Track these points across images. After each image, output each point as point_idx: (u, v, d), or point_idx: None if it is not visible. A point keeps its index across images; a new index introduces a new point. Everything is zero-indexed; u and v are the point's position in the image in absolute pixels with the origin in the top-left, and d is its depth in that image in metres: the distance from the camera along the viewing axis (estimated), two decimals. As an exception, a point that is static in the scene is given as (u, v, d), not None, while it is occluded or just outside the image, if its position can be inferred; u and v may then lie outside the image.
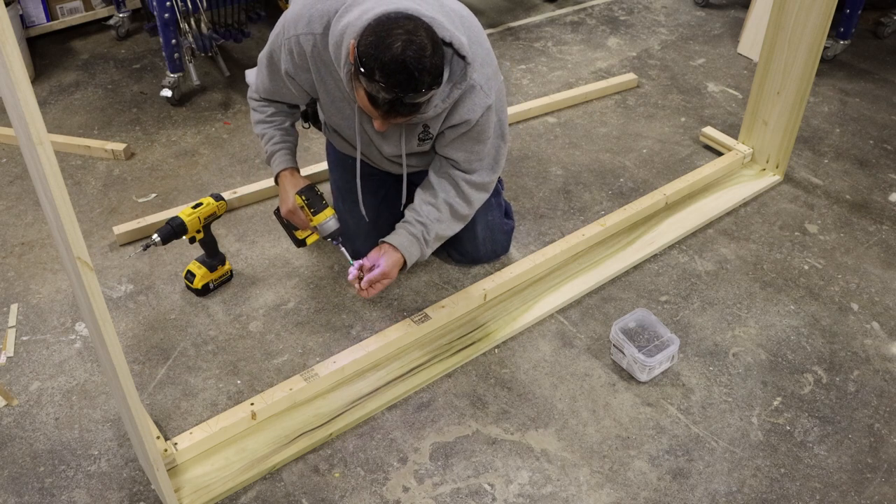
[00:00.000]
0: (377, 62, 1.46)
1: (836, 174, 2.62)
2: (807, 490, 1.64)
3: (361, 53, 1.48)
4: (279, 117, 1.97)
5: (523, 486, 1.63)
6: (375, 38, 1.47)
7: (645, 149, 2.74)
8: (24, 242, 2.25)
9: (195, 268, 2.04)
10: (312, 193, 1.88)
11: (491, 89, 1.74)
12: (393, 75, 1.46)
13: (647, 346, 1.88)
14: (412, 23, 1.49)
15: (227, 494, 1.59)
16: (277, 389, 1.75)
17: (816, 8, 2.18)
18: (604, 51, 3.41)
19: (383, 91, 1.48)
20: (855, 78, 3.21)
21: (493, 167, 1.89)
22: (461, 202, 1.88)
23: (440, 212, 1.88)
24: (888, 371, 1.92)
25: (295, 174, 1.94)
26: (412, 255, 1.85)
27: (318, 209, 1.88)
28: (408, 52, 1.46)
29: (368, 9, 1.54)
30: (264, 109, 1.96)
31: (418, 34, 1.48)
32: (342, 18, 1.59)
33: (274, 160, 1.95)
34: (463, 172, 1.87)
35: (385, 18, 1.49)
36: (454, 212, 1.89)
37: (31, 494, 1.59)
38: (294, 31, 1.71)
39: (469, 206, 1.90)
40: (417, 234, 1.86)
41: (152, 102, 2.93)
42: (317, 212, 1.88)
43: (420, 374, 1.85)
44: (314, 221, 1.89)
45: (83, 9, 3.33)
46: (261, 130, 1.97)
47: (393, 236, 1.86)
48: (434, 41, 1.50)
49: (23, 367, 1.87)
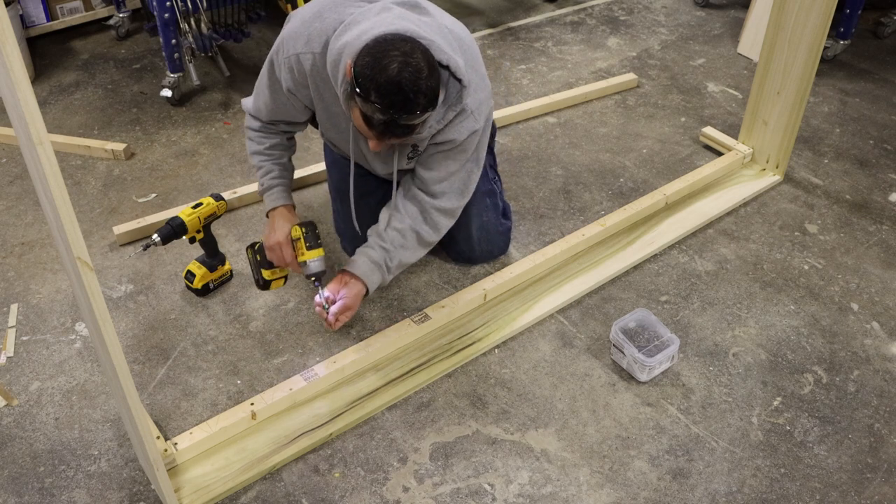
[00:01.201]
0: (373, 83, 1.46)
1: (836, 174, 2.62)
2: (807, 490, 1.64)
3: (358, 74, 1.48)
4: (278, 151, 1.92)
5: (523, 486, 1.63)
6: (372, 58, 1.47)
7: (645, 149, 2.74)
8: (24, 242, 2.25)
9: (195, 268, 2.04)
10: (313, 228, 1.81)
11: (481, 114, 1.75)
12: (388, 96, 1.47)
13: (647, 346, 1.88)
14: (409, 44, 1.49)
15: (227, 494, 1.59)
16: (277, 389, 1.75)
17: (816, 8, 2.18)
18: (604, 51, 3.41)
19: (378, 112, 1.48)
20: (855, 78, 3.21)
21: (462, 191, 1.87)
22: (428, 229, 1.86)
23: (405, 238, 1.85)
24: (888, 371, 1.92)
25: (292, 211, 1.90)
26: (373, 283, 1.82)
27: (314, 245, 1.80)
28: (403, 73, 1.46)
29: (367, 29, 1.55)
30: (263, 140, 1.91)
31: (414, 56, 1.48)
32: (340, 37, 1.59)
33: (271, 194, 1.90)
34: (431, 198, 1.84)
35: (382, 40, 1.49)
36: (420, 239, 1.86)
37: (31, 494, 1.59)
38: (293, 49, 1.70)
39: (437, 233, 1.88)
40: (379, 260, 1.82)
41: (152, 102, 2.93)
42: (312, 247, 1.79)
43: (420, 374, 1.85)
44: (306, 256, 1.79)
45: (83, 9, 3.33)
46: (258, 162, 1.92)
47: (354, 265, 1.82)
48: (430, 63, 1.51)
49: (23, 367, 1.87)
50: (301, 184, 2.47)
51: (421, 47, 1.51)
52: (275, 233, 1.84)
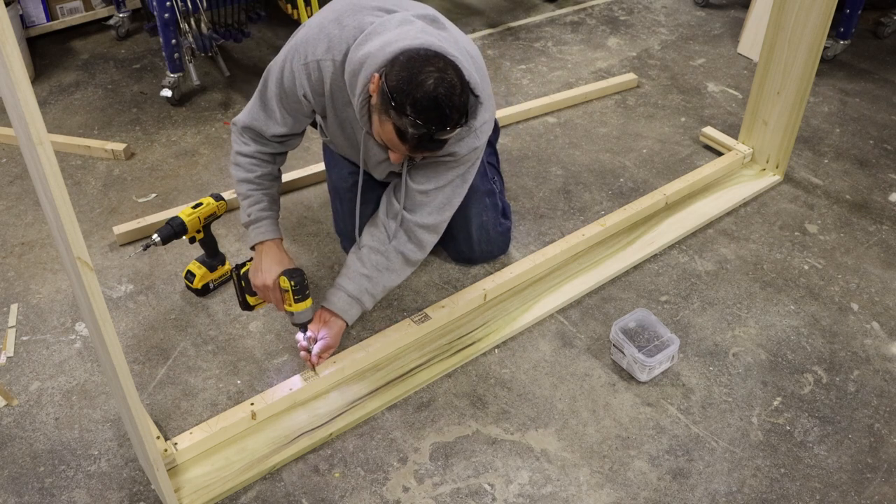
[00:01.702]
0: (409, 98, 1.48)
1: (836, 174, 2.62)
2: (807, 490, 1.64)
3: (393, 88, 1.49)
4: (267, 181, 1.86)
5: (523, 486, 1.63)
6: (408, 73, 1.48)
7: (645, 149, 2.74)
8: (24, 242, 2.25)
9: (195, 268, 2.04)
10: (302, 279, 1.74)
11: (484, 133, 1.76)
12: (425, 111, 1.48)
13: (647, 346, 1.88)
14: (442, 61, 1.51)
15: (227, 494, 1.59)
16: (277, 389, 1.75)
17: (816, 8, 2.18)
18: (604, 51, 3.41)
19: (414, 126, 1.49)
20: (855, 78, 3.21)
21: (444, 207, 1.83)
22: (413, 247, 1.84)
23: (390, 261, 1.83)
24: (888, 371, 1.92)
25: (281, 247, 1.82)
26: (353, 317, 1.82)
27: (303, 298, 1.75)
28: (439, 89, 1.48)
29: (390, 41, 1.55)
30: (254, 168, 1.83)
31: (448, 73, 1.51)
32: (361, 47, 1.59)
33: (259, 227, 1.82)
34: (411, 213, 1.81)
35: (415, 55, 1.51)
36: (406, 259, 1.85)
37: (31, 494, 1.59)
38: (314, 55, 1.68)
39: (422, 251, 1.86)
40: (357, 293, 1.81)
41: (152, 102, 2.93)
42: (301, 299, 1.75)
43: (420, 374, 1.85)
44: (293, 308, 1.75)
45: (83, 9, 3.33)
46: (246, 191, 1.84)
47: (331, 302, 1.80)
48: (462, 80, 1.54)
49: (23, 367, 1.87)
50: (301, 184, 2.47)
51: (453, 64, 1.53)
52: (262, 273, 1.78)
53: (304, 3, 2.80)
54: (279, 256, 1.80)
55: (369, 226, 1.87)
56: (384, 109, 1.52)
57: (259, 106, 1.81)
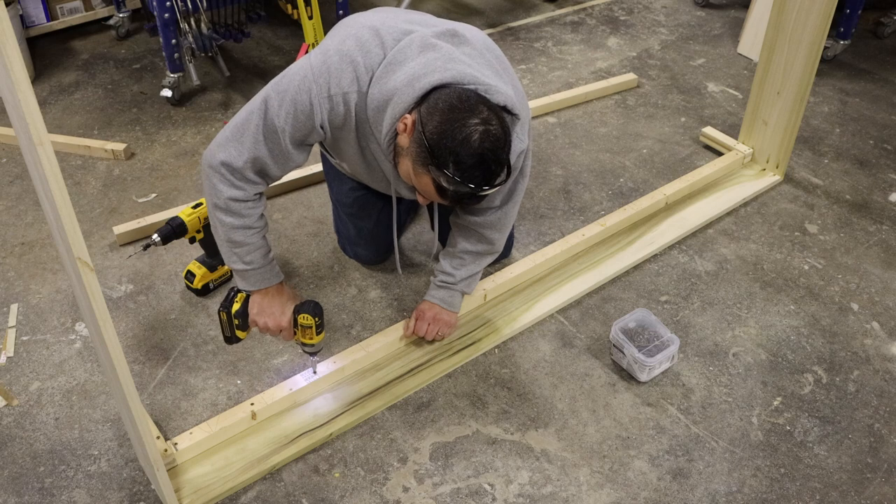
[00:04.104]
0: (453, 155, 1.37)
1: (836, 174, 2.62)
2: (807, 490, 1.64)
3: (433, 143, 1.38)
4: (261, 222, 1.65)
5: (523, 486, 1.63)
6: (450, 127, 1.37)
7: (645, 149, 2.74)
8: (24, 242, 2.25)
9: (195, 268, 2.04)
10: (322, 314, 1.69)
11: (525, 132, 1.63)
12: (470, 171, 1.38)
13: (647, 346, 1.88)
14: (485, 109, 1.40)
15: (227, 494, 1.59)
16: (277, 389, 1.75)
17: (816, 8, 2.18)
18: (604, 51, 3.41)
19: (457, 185, 1.39)
20: (855, 78, 3.21)
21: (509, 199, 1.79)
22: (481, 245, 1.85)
23: (462, 259, 1.87)
24: (888, 371, 1.92)
25: (286, 287, 1.73)
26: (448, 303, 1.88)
27: (322, 329, 1.71)
28: (485, 144, 1.37)
29: (417, 75, 1.43)
30: (251, 213, 1.60)
31: (493, 124, 1.39)
32: (385, 80, 1.47)
33: (264, 273, 1.67)
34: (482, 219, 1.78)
35: (456, 103, 1.39)
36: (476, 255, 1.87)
37: (31, 494, 1.59)
38: (339, 87, 1.50)
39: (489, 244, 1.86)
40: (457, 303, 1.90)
41: (152, 102, 2.93)
42: (321, 332, 1.71)
43: (420, 374, 1.85)
44: (313, 340, 1.70)
45: (83, 9, 3.32)
46: (241, 238, 1.61)
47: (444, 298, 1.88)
48: (505, 127, 1.43)
49: (23, 367, 1.87)
50: (301, 184, 2.47)
51: (496, 109, 1.42)
52: (274, 317, 1.67)
53: (304, 3, 2.80)
54: (287, 295, 1.71)
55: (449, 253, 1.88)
56: (421, 162, 1.41)
57: (254, 143, 1.54)
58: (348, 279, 2.13)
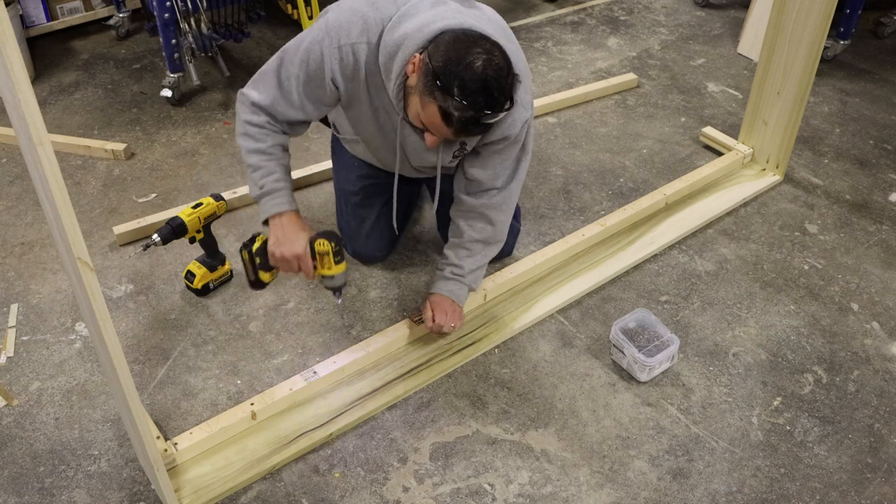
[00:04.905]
0: (458, 80, 1.44)
1: (836, 174, 2.62)
2: (807, 490, 1.64)
3: (439, 69, 1.45)
4: (279, 151, 1.76)
5: (523, 486, 1.63)
6: (455, 54, 1.45)
7: (645, 149, 2.74)
8: (24, 242, 2.25)
9: (195, 268, 2.04)
10: (340, 241, 1.71)
11: (528, 102, 1.72)
12: (474, 94, 1.45)
13: (647, 346, 1.88)
14: (488, 43, 1.48)
15: (227, 494, 1.59)
16: (277, 389, 1.75)
17: (816, 8, 2.18)
18: (604, 51, 3.41)
19: (461, 109, 1.46)
20: (855, 78, 3.21)
21: (515, 181, 1.85)
22: (486, 226, 1.88)
23: (468, 249, 1.89)
24: (888, 371, 1.92)
25: (300, 218, 1.76)
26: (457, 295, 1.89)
27: (342, 258, 1.72)
28: (488, 71, 1.45)
29: (428, 22, 1.53)
30: (264, 138, 1.74)
31: (495, 55, 1.48)
32: (397, 28, 1.56)
33: (274, 198, 1.73)
34: (488, 199, 1.83)
35: (461, 35, 1.48)
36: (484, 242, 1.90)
37: (31, 494, 1.59)
38: (347, 38, 1.61)
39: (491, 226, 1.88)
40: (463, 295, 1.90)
41: (152, 102, 2.93)
42: (340, 261, 1.72)
43: (420, 374, 1.85)
44: (333, 270, 1.71)
45: (83, 9, 3.32)
46: (257, 161, 1.74)
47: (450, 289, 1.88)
48: (507, 62, 1.50)
49: (23, 367, 1.87)
50: (301, 184, 2.47)
51: (498, 46, 1.50)
52: (288, 243, 1.70)
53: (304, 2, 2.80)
54: (300, 224, 1.74)
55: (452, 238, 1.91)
56: (427, 90, 1.48)
57: (274, 85, 1.71)
58: (348, 279, 2.13)
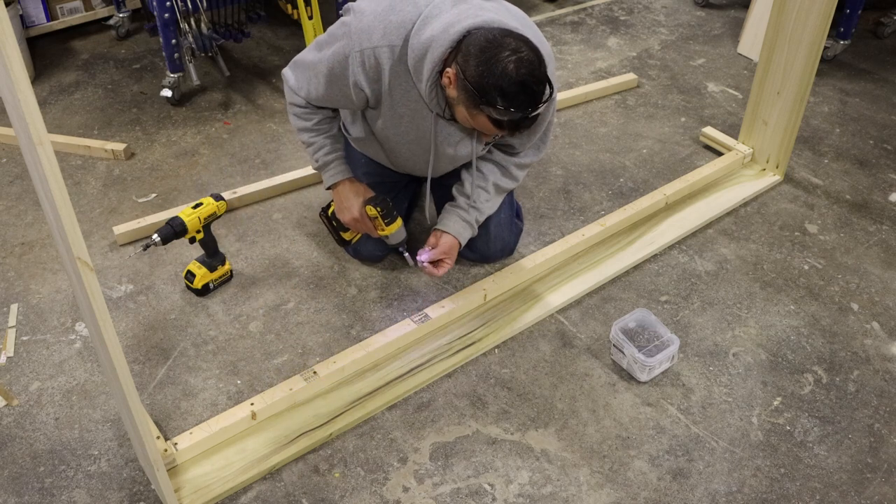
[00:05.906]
0: (497, 90, 1.49)
1: (836, 174, 2.62)
2: (807, 490, 1.64)
3: (476, 84, 1.50)
4: (325, 125, 1.93)
5: (523, 486, 1.63)
6: (486, 65, 1.49)
7: (645, 149, 2.74)
8: (24, 242, 2.25)
9: (195, 268, 2.04)
10: (386, 204, 1.88)
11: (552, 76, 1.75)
12: (516, 97, 1.50)
13: (647, 346, 1.88)
14: (513, 39, 1.51)
15: (227, 494, 1.59)
16: (277, 389, 1.75)
17: (816, 8, 2.18)
18: (604, 51, 3.41)
19: (509, 115, 1.51)
20: (855, 78, 3.21)
21: (540, 147, 1.96)
22: (507, 181, 1.97)
23: (489, 193, 1.97)
24: (888, 371, 1.92)
25: (356, 183, 1.94)
26: (465, 238, 1.96)
27: (392, 220, 1.90)
28: (521, 70, 1.49)
29: (451, 22, 1.56)
30: (310, 117, 1.91)
31: (523, 50, 1.51)
32: (422, 31, 1.60)
33: (329, 169, 1.93)
34: (510, 156, 1.95)
35: (486, 41, 1.51)
36: (500, 189, 1.98)
37: (31, 494, 1.59)
38: (369, 42, 1.66)
39: (514, 182, 1.99)
40: (471, 220, 1.95)
41: (152, 102, 2.93)
42: (390, 222, 1.90)
43: (420, 374, 1.85)
44: (386, 231, 1.91)
45: (83, 9, 3.32)
46: (308, 139, 1.93)
47: (447, 224, 1.94)
48: (535, 51, 1.53)
49: (23, 367, 1.87)
50: (301, 184, 2.47)
51: (524, 39, 1.53)
52: (347, 210, 1.93)
53: (304, 3, 2.80)
54: (355, 189, 1.93)
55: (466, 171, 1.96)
56: (472, 104, 1.53)
57: (305, 80, 1.84)
58: (348, 279, 2.13)
